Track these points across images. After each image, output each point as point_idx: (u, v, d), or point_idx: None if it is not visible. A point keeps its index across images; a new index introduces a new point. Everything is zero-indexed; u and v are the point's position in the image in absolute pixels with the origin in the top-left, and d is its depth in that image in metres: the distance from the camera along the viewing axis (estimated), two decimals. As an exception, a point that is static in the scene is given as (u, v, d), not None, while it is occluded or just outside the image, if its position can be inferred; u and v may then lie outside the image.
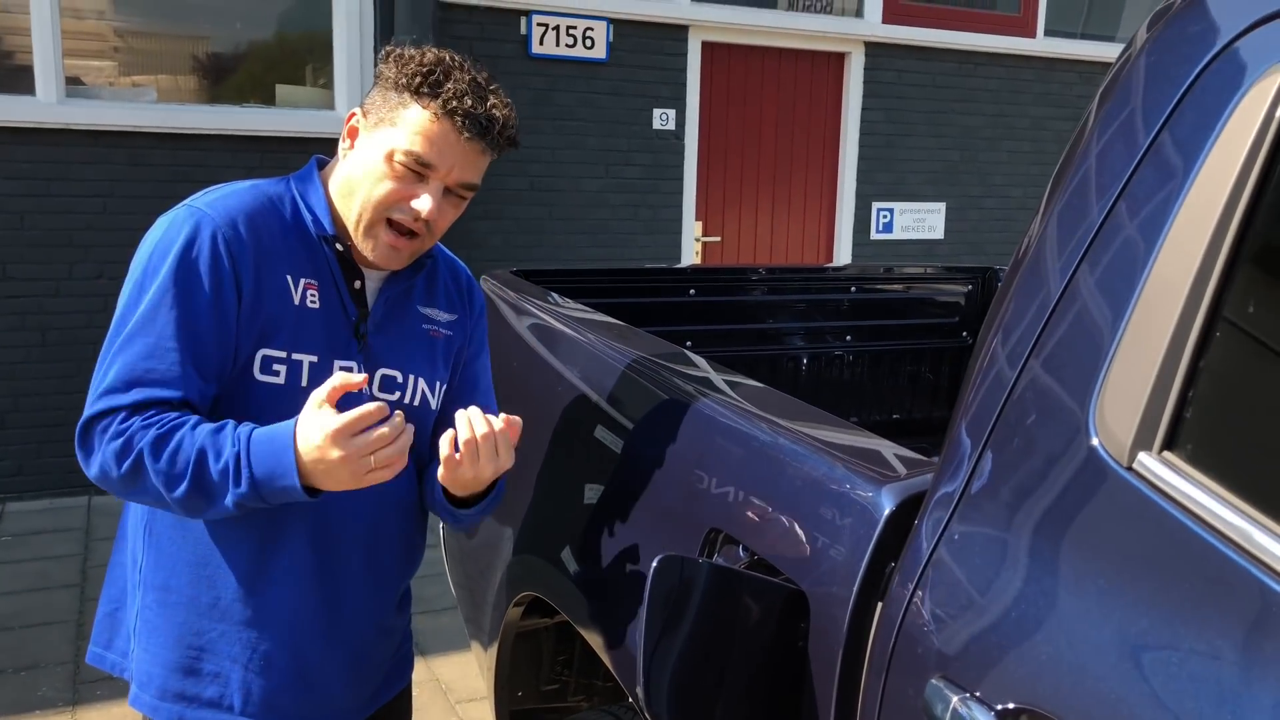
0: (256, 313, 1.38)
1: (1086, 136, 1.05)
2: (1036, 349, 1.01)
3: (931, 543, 1.04)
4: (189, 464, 1.29)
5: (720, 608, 1.21)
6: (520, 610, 1.92)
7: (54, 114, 4.49)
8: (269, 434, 1.31)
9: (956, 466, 1.05)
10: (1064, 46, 6.55)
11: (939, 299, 3.24)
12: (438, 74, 1.38)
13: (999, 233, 6.62)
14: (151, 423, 1.31)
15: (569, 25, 5.30)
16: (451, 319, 1.59)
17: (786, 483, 1.28)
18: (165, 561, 1.46)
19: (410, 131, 1.38)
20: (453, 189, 1.42)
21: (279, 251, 1.41)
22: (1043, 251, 1.04)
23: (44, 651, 3.35)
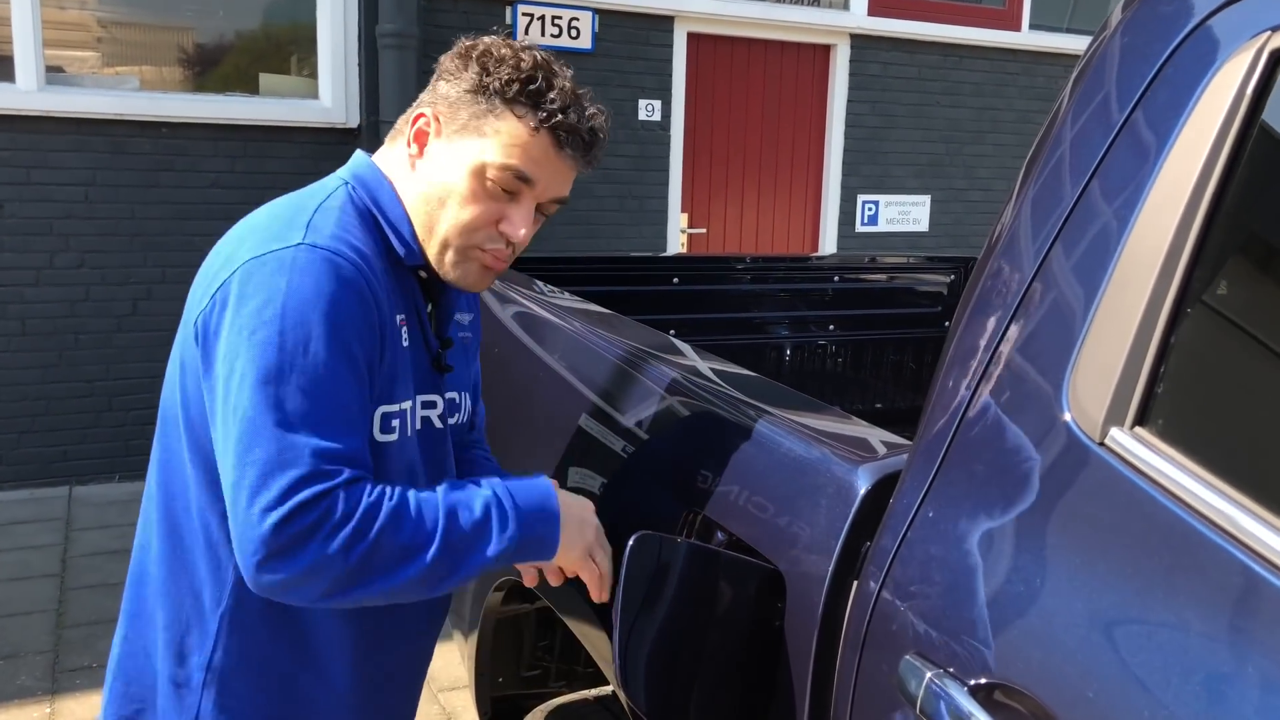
0: (382, 368, 1.20)
1: (1060, 117, 1.06)
2: (1010, 328, 1.01)
3: (905, 521, 1.04)
4: (437, 525, 1.12)
5: (697, 587, 1.21)
6: (501, 596, 1.92)
7: (34, 101, 4.45)
8: (521, 481, 1.23)
9: (931, 445, 1.06)
10: (1049, 40, 6.57)
11: (921, 289, 3.26)
12: (540, 82, 1.21)
13: (984, 225, 6.64)
14: (379, 496, 1.10)
15: (554, 15, 5.29)
16: (471, 318, 1.47)
17: (763, 464, 1.28)
18: (249, 659, 1.25)
19: (506, 144, 1.20)
20: (542, 205, 1.27)
21: (385, 288, 1.20)
22: (1017, 231, 1.05)
23: (24, 640, 3.33)
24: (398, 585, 1.11)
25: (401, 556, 1.10)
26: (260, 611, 1.24)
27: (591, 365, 1.77)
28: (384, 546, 1.09)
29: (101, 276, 4.63)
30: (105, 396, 4.74)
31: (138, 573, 1.32)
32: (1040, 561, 0.90)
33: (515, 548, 1.18)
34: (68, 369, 4.67)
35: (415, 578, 1.11)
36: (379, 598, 1.11)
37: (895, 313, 3.22)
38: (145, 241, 4.67)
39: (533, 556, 1.22)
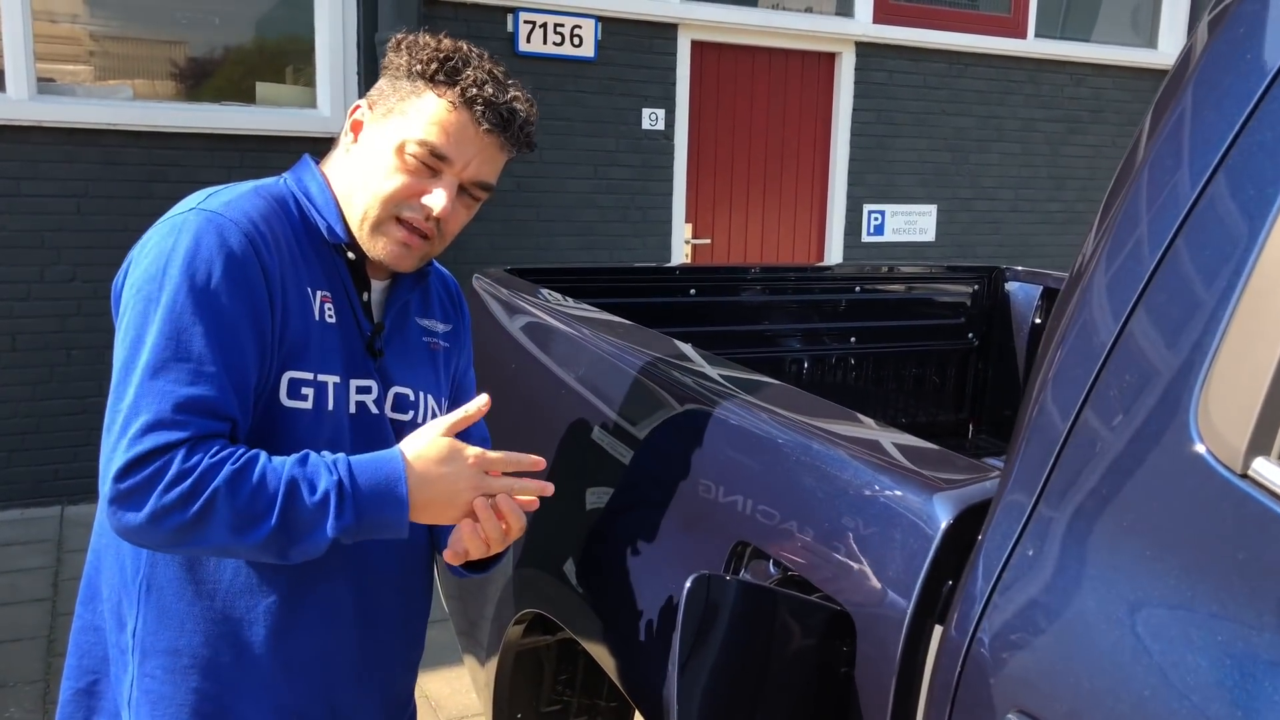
0: (285, 329, 1.23)
1: (1176, 106, 0.95)
2: (1119, 344, 0.90)
3: (1000, 560, 0.93)
4: (276, 499, 1.13)
5: (754, 630, 1.10)
6: (521, 628, 1.80)
7: (24, 111, 4.34)
8: (372, 460, 1.19)
9: (1027, 474, 0.95)
10: (1054, 48, 6.49)
11: (943, 299, 3.15)
12: (455, 60, 1.27)
13: (990, 235, 6.56)
14: (222, 458, 1.13)
15: (556, 23, 5.19)
16: (448, 329, 1.48)
17: (823, 491, 1.17)
18: (171, 621, 1.27)
19: (425, 121, 1.26)
20: (467, 187, 1.31)
21: (296, 261, 1.27)
22: (1122, 237, 0.94)
23: (13, 670, 3.20)
24: (237, 548, 1.15)
25: (236, 523, 1.12)
26: (171, 582, 1.26)
27: (616, 380, 1.66)
28: (219, 509, 1.12)
29: (94, 290, 4.50)
30: (97, 414, 4.60)
31: (92, 559, 1.36)
32: (1170, 610, 0.79)
33: (355, 531, 1.17)
34: (59, 385, 4.54)
35: (253, 545, 1.14)
36: (226, 554, 1.18)
37: (917, 324, 3.12)
38: (139, 254, 4.55)
39: (382, 534, 1.20)
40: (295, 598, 1.29)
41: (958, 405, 3.21)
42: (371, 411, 1.33)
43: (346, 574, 1.32)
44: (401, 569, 1.41)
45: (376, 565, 1.35)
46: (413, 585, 1.45)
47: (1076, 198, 6.80)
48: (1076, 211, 6.82)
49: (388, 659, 1.41)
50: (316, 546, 1.16)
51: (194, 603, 1.27)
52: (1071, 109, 6.66)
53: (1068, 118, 6.66)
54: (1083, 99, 6.68)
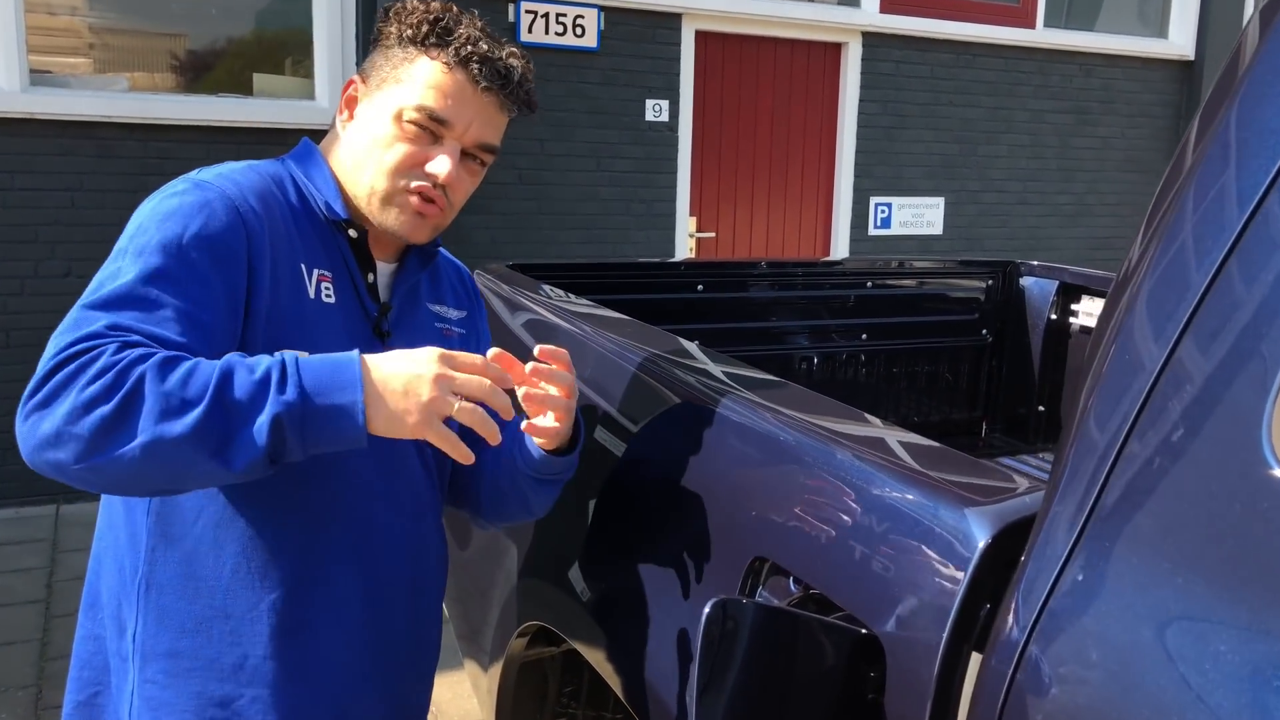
0: (274, 304, 1.17)
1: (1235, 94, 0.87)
2: (1175, 355, 0.83)
3: (1047, 584, 0.86)
4: (209, 383, 1.00)
5: (776, 655, 1.02)
6: (524, 640, 1.73)
7: (17, 103, 4.26)
8: (321, 355, 1.08)
9: (1074, 490, 0.87)
10: (1064, 38, 6.40)
11: (957, 295, 3.08)
12: (446, 21, 1.24)
13: (998, 228, 6.47)
14: (153, 349, 1.02)
15: (559, 13, 5.10)
16: (461, 316, 1.44)
17: (849, 504, 1.09)
18: (171, 621, 1.20)
19: (421, 85, 1.22)
20: (470, 151, 1.27)
21: (290, 237, 1.22)
22: (1181, 234, 0.86)
23: (5, 675, 3.13)
24: (164, 440, 0.98)
25: (165, 409, 0.98)
26: (171, 580, 1.20)
27: (624, 382, 1.58)
28: (145, 395, 0.98)
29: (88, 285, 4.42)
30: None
31: (93, 565, 1.31)
32: (1246, 646, 0.72)
33: (301, 414, 1.01)
34: (54, 382, 4.46)
35: (184, 435, 0.98)
36: (148, 462, 0.98)
37: (930, 320, 3.04)
38: (134, 249, 4.47)
39: (335, 430, 1.03)
40: (300, 593, 1.22)
41: (971, 403, 3.14)
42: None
43: (353, 567, 1.27)
44: (414, 568, 1.36)
45: (385, 559, 1.30)
46: (425, 585, 1.40)
47: (1086, 190, 6.71)
48: (1086, 204, 6.73)
49: (399, 665, 1.35)
50: (257, 438, 1.00)
51: (194, 601, 1.20)
52: (1081, 100, 6.57)
53: (1077, 109, 6.57)
54: (1092, 90, 6.58)
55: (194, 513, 1.20)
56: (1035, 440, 3.06)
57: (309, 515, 1.23)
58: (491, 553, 1.90)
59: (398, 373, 1.05)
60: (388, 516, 1.30)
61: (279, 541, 1.22)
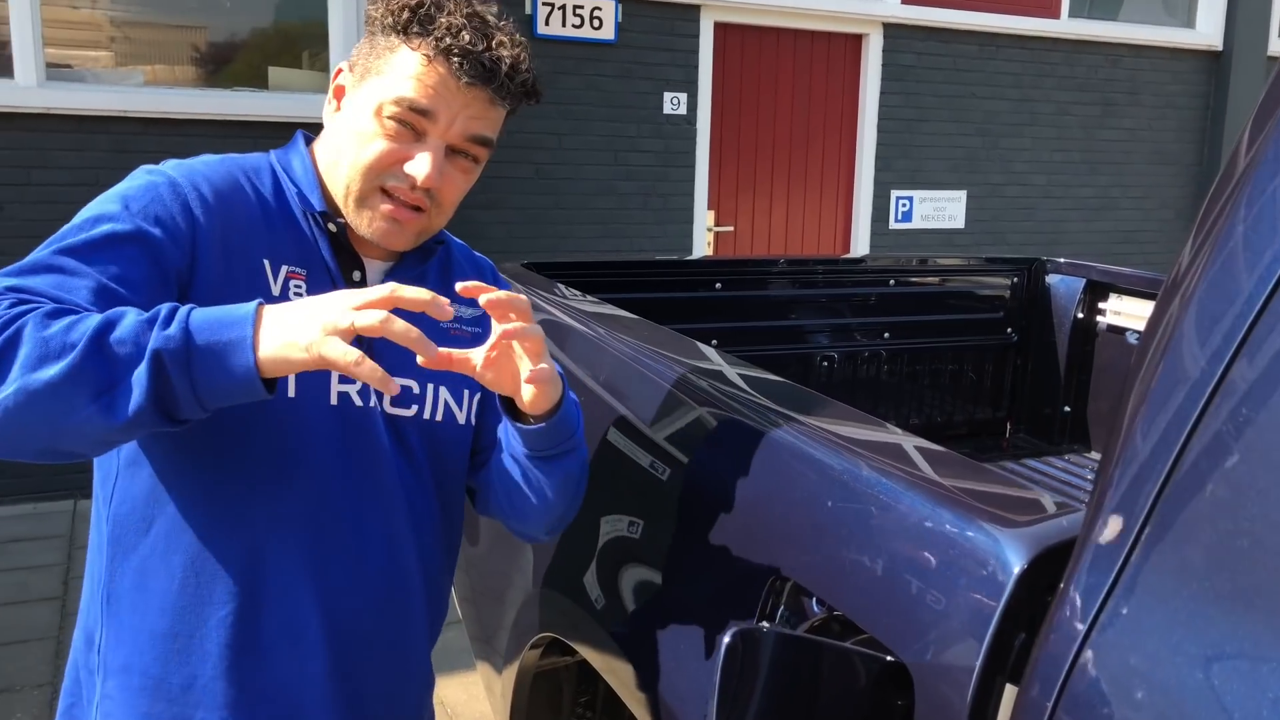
0: (221, 301, 1.04)
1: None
2: (1232, 367, 0.77)
3: (1088, 616, 0.80)
4: (91, 328, 0.93)
5: (797, 684, 0.98)
6: (538, 651, 1.69)
7: (34, 98, 4.24)
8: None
9: (1119, 513, 0.82)
10: (1090, 28, 6.30)
11: (981, 292, 3.01)
12: (428, 7, 1.14)
13: (1022, 222, 6.38)
14: (36, 302, 0.96)
15: (576, 5, 5.05)
16: (476, 314, 1.29)
17: (874, 523, 1.04)
18: (126, 636, 1.16)
19: (399, 78, 1.13)
20: (458, 147, 1.16)
21: (254, 231, 1.15)
22: (1235, 238, 0.80)
23: (20, 673, 3.12)
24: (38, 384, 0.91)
25: (44, 354, 0.92)
26: (126, 592, 1.16)
27: (644, 389, 1.54)
28: (24, 340, 0.92)
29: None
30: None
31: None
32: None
33: (184, 350, 0.93)
34: (70, 378, 4.46)
35: (59, 377, 0.91)
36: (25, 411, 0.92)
37: (953, 319, 2.98)
38: (150, 244, 4.46)
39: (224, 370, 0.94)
40: (250, 612, 1.15)
41: (995, 403, 3.07)
42: (356, 404, 1.19)
43: (308, 585, 1.17)
44: (388, 586, 1.23)
45: (347, 577, 1.19)
46: (404, 606, 1.26)
47: (1111, 183, 6.61)
48: (1111, 197, 6.63)
49: (370, 693, 1.25)
50: (139, 381, 0.92)
51: (145, 615, 1.15)
52: (1107, 91, 6.46)
53: (1103, 100, 6.46)
54: (1118, 81, 6.48)
55: (145, 522, 1.14)
56: (1061, 441, 2.99)
57: (257, 529, 1.15)
58: (505, 556, 1.85)
59: (300, 306, 0.97)
60: (350, 530, 1.19)
61: (226, 555, 1.14)
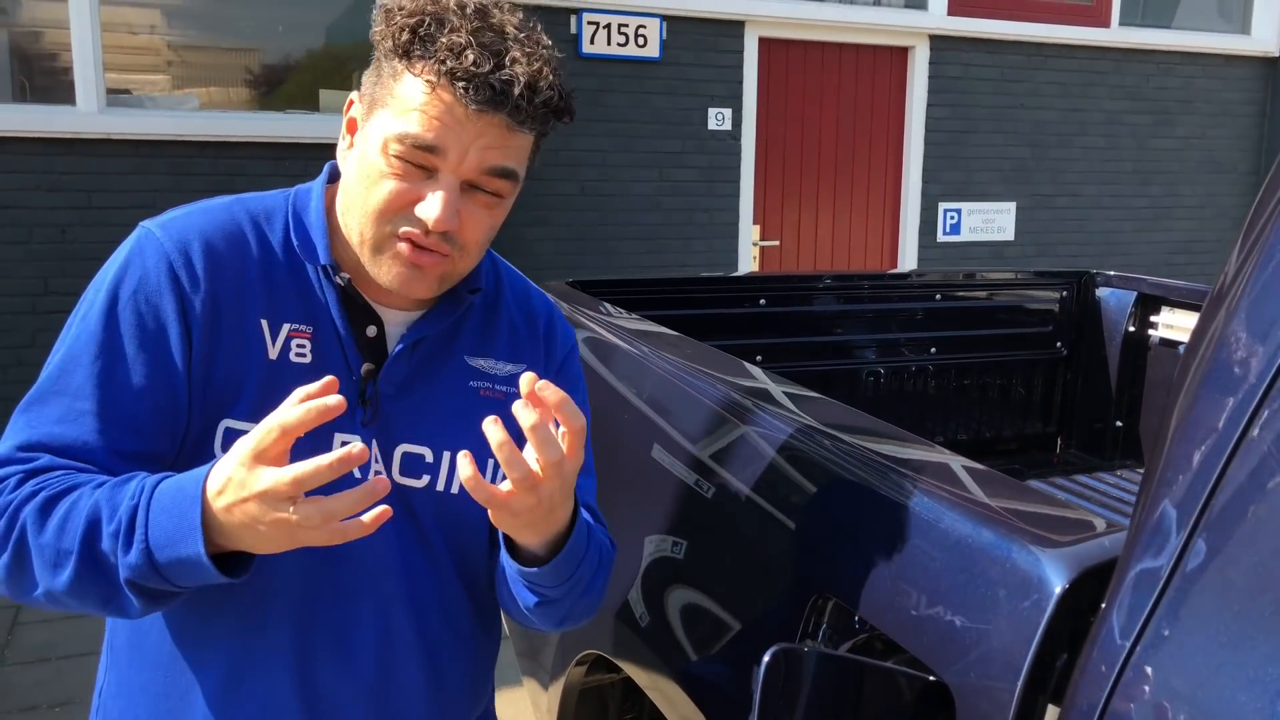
0: (211, 372, 1.03)
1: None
2: (1275, 385, 0.76)
3: (1130, 637, 0.80)
4: (78, 532, 0.91)
5: (838, 703, 0.98)
6: (583, 669, 1.70)
7: (95, 124, 4.37)
8: (178, 482, 0.93)
9: (1159, 535, 0.81)
10: (1141, 36, 6.21)
11: (1030, 306, 2.98)
12: (429, 24, 0.99)
13: (1072, 233, 6.30)
14: (42, 483, 0.95)
15: (621, 23, 5.09)
16: (516, 371, 1.14)
17: (917, 544, 1.04)
18: (124, 689, 1.11)
19: (404, 109, 1.00)
20: (475, 182, 1.02)
21: (251, 290, 1.05)
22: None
23: (81, 686, 3.19)
24: (58, 591, 0.94)
25: (46, 564, 0.93)
26: (124, 647, 1.11)
27: (690, 409, 1.55)
28: (27, 549, 0.94)
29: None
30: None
31: None
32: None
33: (150, 572, 0.90)
34: (129, 395, 4.58)
35: (69, 588, 0.93)
36: (62, 603, 0.95)
37: (1001, 333, 2.95)
38: (206, 264, 4.56)
39: (194, 577, 0.91)
40: (232, 687, 1.08)
41: (1045, 418, 3.04)
42: (354, 476, 1.03)
43: (290, 672, 1.08)
44: (381, 678, 1.11)
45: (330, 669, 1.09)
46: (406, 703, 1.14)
47: (1164, 193, 6.51)
48: (1164, 207, 6.52)
49: None
50: (130, 599, 0.92)
51: (140, 671, 1.10)
52: (1160, 99, 6.37)
53: (1155, 109, 6.37)
54: (1171, 89, 6.38)
55: None
56: (1113, 456, 2.95)
57: (243, 604, 1.07)
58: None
59: (231, 502, 0.88)
60: (337, 613, 1.09)
61: (212, 627, 1.08)
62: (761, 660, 0.90)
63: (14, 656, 3.35)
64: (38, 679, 3.22)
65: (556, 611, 1.10)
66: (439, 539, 1.12)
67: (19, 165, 4.32)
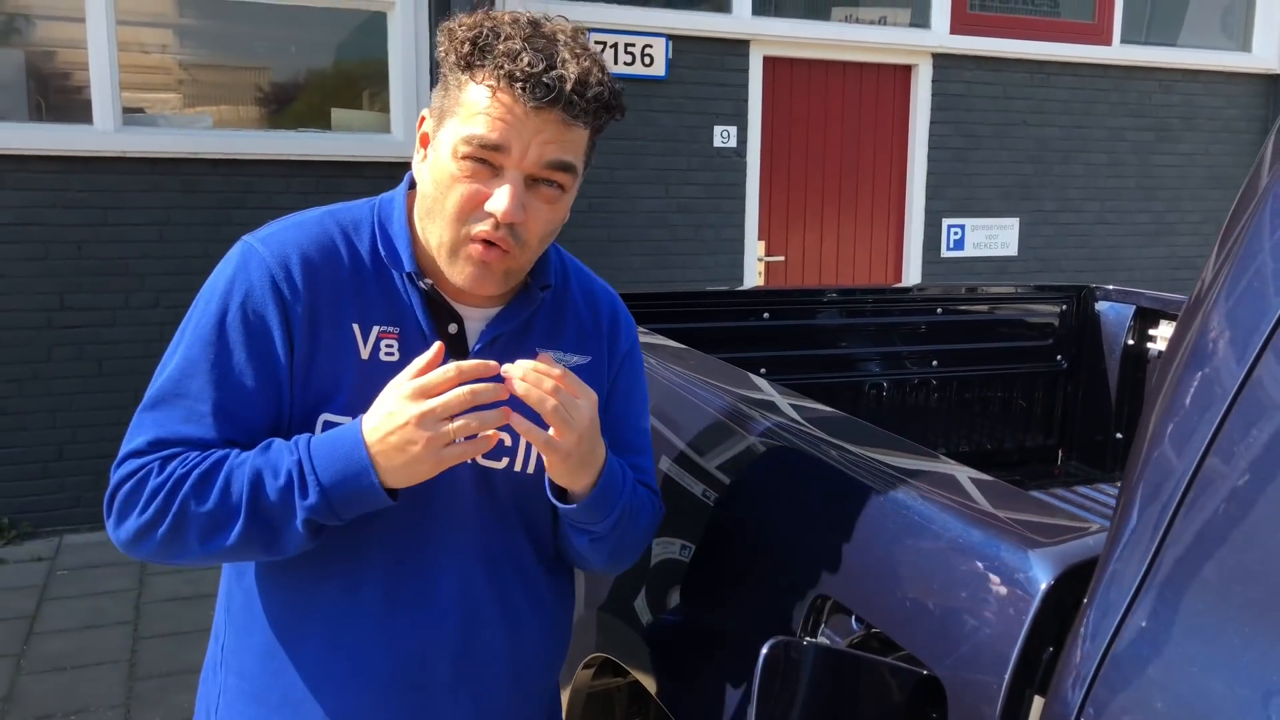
0: (310, 373, 1.16)
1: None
2: (1242, 394, 0.81)
3: (1109, 629, 0.85)
4: (243, 494, 1.09)
5: (835, 696, 1.02)
6: (590, 672, 1.74)
7: (111, 142, 4.45)
8: (331, 434, 1.11)
9: (1139, 533, 0.86)
10: (1142, 54, 6.27)
11: (1030, 320, 3.03)
12: (486, 35, 1.11)
13: (1076, 249, 6.34)
14: (190, 464, 1.11)
15: (627, 43, 5.16)
16: (583, 362, 1.28)
17: (911, 544, 1.09)
18: (241, 643, 1.25)
19: (469, 114, 1.11)
20: (538, 176, 1.13)
21: (344, 296, 1.18)
22: (1253, 261, 0.85)
23: (95, 694, 3.24)
24: (222, 550, 1.12)
25: (210, 527, 1.10)
26: (240, 610, 1.25)
27: (694, 418, 1.60)
28: (190, 517, 1.10)
29: (175, 316, 4.54)
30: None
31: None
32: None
33: (327, 507, 1.09)
34: (143, 410, 4.63)
35: (238, 543, 1.11)
36: (220, 557, 1.13)
37: (1002, 346, 3.00)
38: (219, 280, 4.62)
39: (364, 505, 1.11)
40: (330, 647, 1.21)
41: (1046, 430, 3.08)
42: (455, 475, 1.19)
43: (381, 632, 1.21)
44: (465, 635, 1.24)
45: (416, 630, 1.22)
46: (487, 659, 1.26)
47: (1167, 208, 6.55)
48: (1167, 223, 6.57)
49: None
50: (297, 538, 1.11)
51: (252, 633, 1.25)
52: (1161, 116, 6.42)
53: (1157, 126, 6.42)
54: (1173, 106, 6.43)
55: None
56: (1113, 468, 2.99)
57: (343, 571, 1.21)
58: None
59: (388, 431, 1.07)
60: (423, 581, 1.22)
61: (314, 593, 1.21)
62: (760, 652, 0.95)
63: (29, 666, 3.40)
64: (53, 688, 3.27)
65: (604, 547, 1.25)
66: (513, 511, 1.26)
67: (36, 183, 4.39)
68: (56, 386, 4.53)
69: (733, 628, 1.34)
